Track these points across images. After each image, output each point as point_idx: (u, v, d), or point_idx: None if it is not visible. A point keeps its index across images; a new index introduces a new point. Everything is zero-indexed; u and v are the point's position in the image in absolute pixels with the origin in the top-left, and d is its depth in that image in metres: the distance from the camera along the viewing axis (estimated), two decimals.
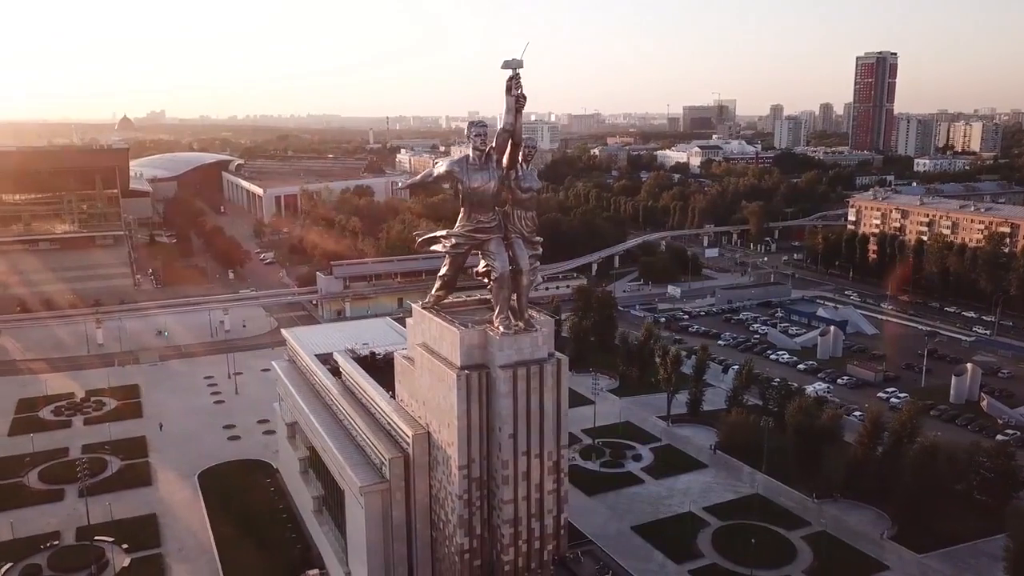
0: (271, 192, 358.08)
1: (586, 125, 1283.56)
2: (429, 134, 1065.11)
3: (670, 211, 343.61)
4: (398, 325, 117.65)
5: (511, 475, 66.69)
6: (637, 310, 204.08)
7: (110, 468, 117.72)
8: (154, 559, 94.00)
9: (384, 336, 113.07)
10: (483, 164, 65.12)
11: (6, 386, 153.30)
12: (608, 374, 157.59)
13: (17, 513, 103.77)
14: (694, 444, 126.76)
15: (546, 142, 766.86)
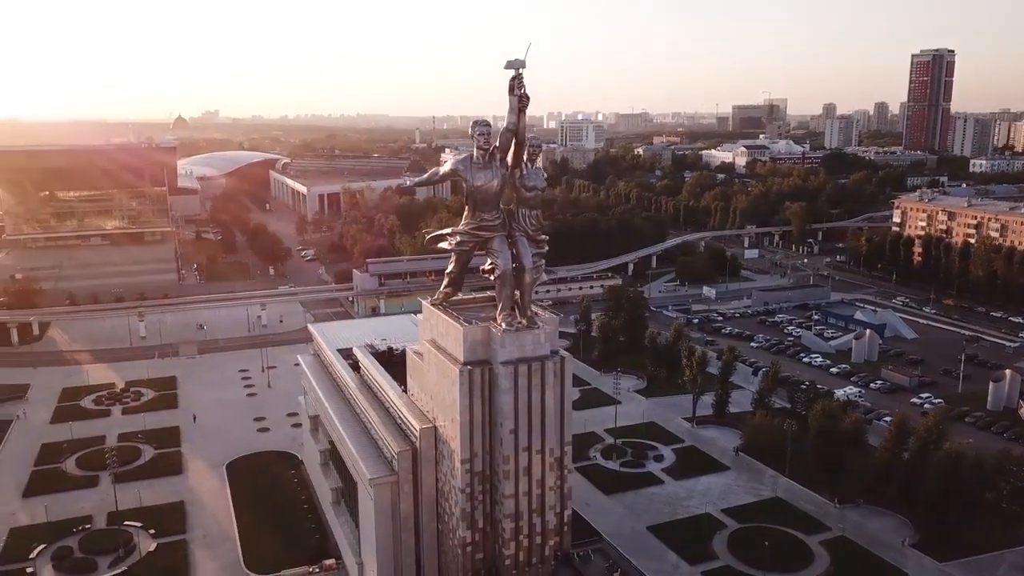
0: (315, 190, 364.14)
1: (633, 124, 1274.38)
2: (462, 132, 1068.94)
3: (711, 211, 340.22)
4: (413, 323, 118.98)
5: (512, 470, 67.56)
6: (670, 311, 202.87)
7: (143, 456, 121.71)
8: (179, 544, 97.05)
9: (406, 332, 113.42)
10: (487, 163, 66.13)
11: (52, 376, 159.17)
12: (636, 374, 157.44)
13: (54, 497, 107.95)
14: (718, 446, 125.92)
15: (591, 141, 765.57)
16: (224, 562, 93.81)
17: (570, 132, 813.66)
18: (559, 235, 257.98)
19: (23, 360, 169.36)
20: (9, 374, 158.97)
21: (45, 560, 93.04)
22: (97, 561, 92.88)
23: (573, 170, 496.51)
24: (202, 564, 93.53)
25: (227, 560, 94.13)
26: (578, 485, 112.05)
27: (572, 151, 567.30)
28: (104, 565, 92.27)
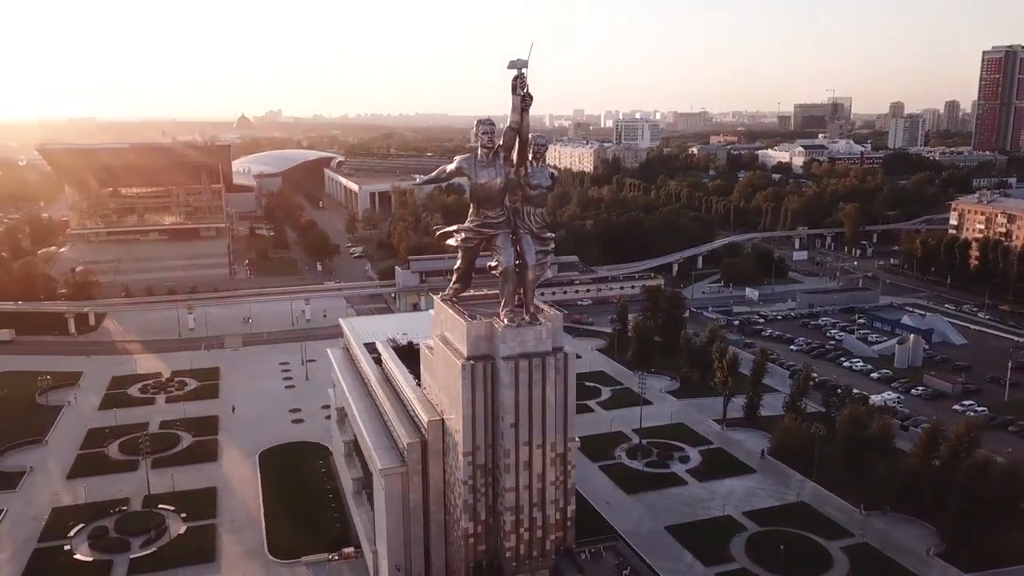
0: (366, 188, 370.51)
1: (692, 123, 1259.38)
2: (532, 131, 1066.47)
3: (762, 212, 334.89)
4: None
5: (512, 464, 68.56)
6: (710, 312, 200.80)
7: (182, 443, 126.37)
8: (208, 528, 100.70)
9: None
10: (490, 161, 67.19)
11: (104, 364, 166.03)
12: (670, 376, 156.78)
13: (95, 479, 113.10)
14: (745, 448, 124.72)
15: (646, 140, 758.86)
16: (249, 547, 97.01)
17: (625, 131, 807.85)
18: (603, 234, 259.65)
19: (79, 349, 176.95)
20: (65, 362, 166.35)
21: (82, 539, 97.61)
22: (130, 541, 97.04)
23: (625, 169, 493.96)
24: (228, 548, 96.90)
25: (252, 545, 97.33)
26: (600, 484, 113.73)
27: (624, 150, 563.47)
28: (136, 545, 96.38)
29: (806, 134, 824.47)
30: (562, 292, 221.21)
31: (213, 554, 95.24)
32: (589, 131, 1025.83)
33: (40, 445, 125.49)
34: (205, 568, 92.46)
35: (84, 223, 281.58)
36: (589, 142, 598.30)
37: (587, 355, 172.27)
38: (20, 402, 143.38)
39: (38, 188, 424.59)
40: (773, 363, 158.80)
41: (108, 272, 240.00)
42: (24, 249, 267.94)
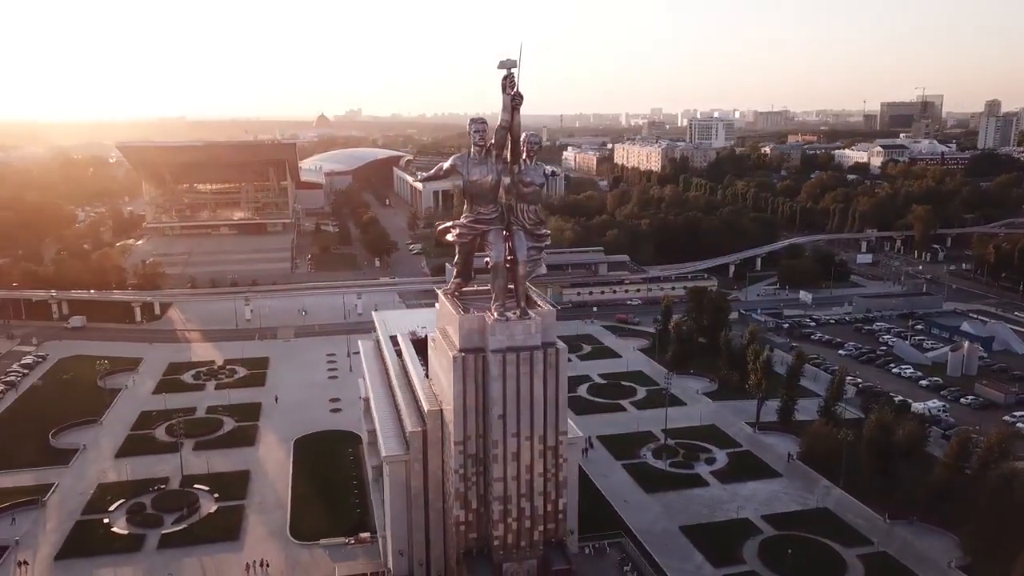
0: (429, 187, 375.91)
1: (772, 122, 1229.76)
2: (607, 131, 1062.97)
3: (830, 213, 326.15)
4: None
5: (500, 454, 70.18)
6: (759, 314, 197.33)
7: (224, 428, 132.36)
8: (236, 509, 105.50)
9: None
10: (482, 159, 69.01)
11: (163, 351, 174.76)
12: (709, 377, 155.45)
13: (140, 459, 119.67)
14: (775, 452, 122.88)
15: (720, 140, 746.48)
16: (273, 528, 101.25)
17: (699, 130, 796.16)
18: (658, 234, 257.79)
19: (142, 336, 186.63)
20: (127, 348, 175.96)
21: (121, 513, 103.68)
22: (164, 517, 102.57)
23: (693, 169, 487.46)
24: (253, 528, 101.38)
25: (276, 526, 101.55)
26: (621, 482, 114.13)
27: (693, 149, 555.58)
28: (169, 521, 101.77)
29: (892, 134, 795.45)
30: (611, 291, 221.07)
31: (238, 533, 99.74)
32: (664, 130, 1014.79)
33: (95, 425, 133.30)
34: (229, 546, 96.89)
35: (159, 217, 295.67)
36: (657, 141, 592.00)
37: (628, 355, 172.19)
38: (83, 384, 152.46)
39: (124, 184, 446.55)
40: (817, 367, 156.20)
41: (178, 264, 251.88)
42: (105, 241, 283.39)
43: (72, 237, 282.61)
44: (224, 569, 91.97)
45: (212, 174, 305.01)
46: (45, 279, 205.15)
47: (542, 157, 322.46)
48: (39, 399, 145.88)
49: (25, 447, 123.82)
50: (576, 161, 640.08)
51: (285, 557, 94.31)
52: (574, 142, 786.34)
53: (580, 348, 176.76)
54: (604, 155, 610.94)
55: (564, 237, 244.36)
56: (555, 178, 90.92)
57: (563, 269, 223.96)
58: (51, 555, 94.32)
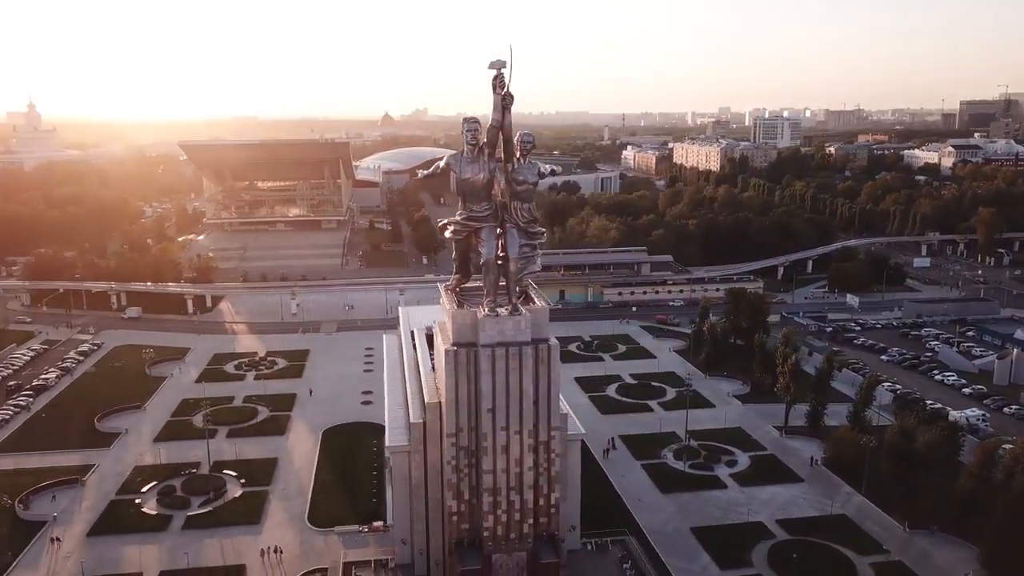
0: None
1: (844, 121, 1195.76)
2: (672, 130, 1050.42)
3: (890, 216, 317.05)
4: None
5: (490, 447, 71.61)
6: (801, 318, 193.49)
7: (258, 417, 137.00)
8: (260, 494, 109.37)
9: None
10: (475, 157, 70.52)
11: (210, 342, 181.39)
12: (742, 379, 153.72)
13: (176, 444, 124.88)
14: (800, 457, 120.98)
15: (785, 139, 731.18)
16: (292, 514, 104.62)
17: (764, 129, 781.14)
18: (705, 234, 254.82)
19: (192, 327, 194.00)
20: (177, 338, 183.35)
21: (152, 495, 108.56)
22: (191, 500, 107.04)
23: (753, 169, 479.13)
24: (273, 513, 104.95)
25: (295, 512, 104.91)
26: (638, 481, 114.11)
27: (754, 149, 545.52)
28: (196, 504, 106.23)
29: (969, 133, 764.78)
30: (653, 292, 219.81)
31: (259, 517, 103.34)
32: (729, 129, 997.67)
33: (139, 411, 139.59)
34: (249, 529, 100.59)
35: (219, 214, 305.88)
36: (717, 140, 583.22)
37: (663, 356, 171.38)
38: (133, 372, 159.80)
39: (191, 181, 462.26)
40: (855, 372, 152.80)
41: (234, 259, 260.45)
42: (167, 236, 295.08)
43: (137, 232, 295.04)
44: (242, 551, 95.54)
45: (270, 172, 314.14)
46: (106, 271, 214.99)
47: (602, 156, 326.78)
48: (90, 385, 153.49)
49: (73, 430, 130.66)
50: (635, 160, 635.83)
51: (300, 542, 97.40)
52: (635, 141, 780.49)
53: (615, 348, 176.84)
54: (664, 154, 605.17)
55: (608, 237, 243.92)
56: (554, 176, 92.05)
57: (605, 268, 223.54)
58: (84, 532, 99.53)
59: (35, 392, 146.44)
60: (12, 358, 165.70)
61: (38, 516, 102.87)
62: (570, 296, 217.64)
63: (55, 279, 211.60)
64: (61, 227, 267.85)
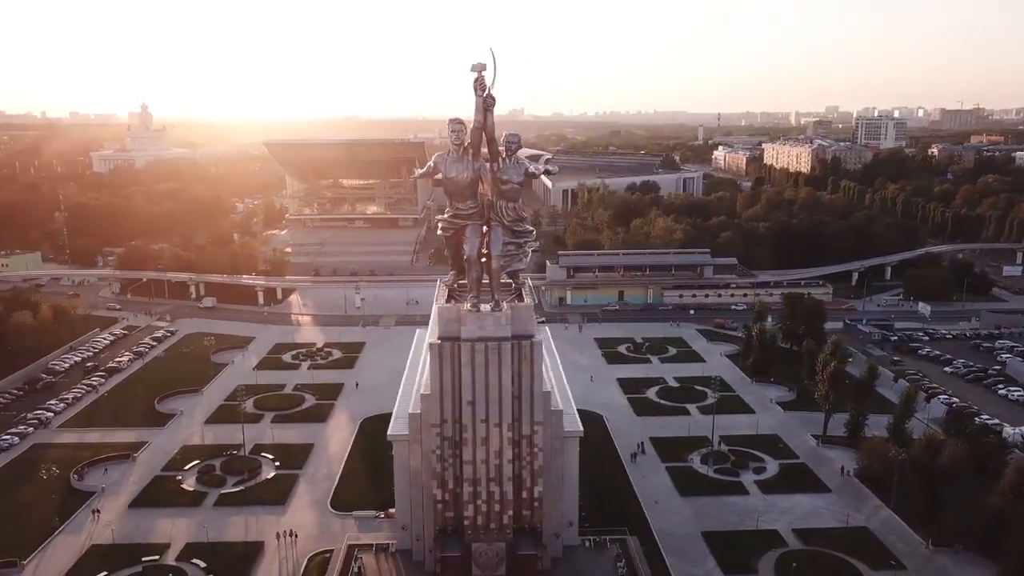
0: (558, 185, 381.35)
1: (961, 121, 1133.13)
2: (773, 130, 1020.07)
3: (985, 221, 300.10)
4: None
5: (471, 438, 73.81)
6: (865, 325, 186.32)
7: (304, 404, 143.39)
8: (291, 477, 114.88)
9: None
10: (459, 157, 72.56)
11: (274, 332, 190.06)
12: (788, 386, 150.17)
13: (224, 427, 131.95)
14: (832, 467, 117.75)
15: (889, 139, 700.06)
16: (317, 497, 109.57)
17: (867, 129, 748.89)
18: (777, 237, 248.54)
19: (260, 318, 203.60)
20: (244, 328, 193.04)
21: (192, 473, 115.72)
22: (227, 479, 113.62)
23: (845, 171, 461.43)
24: (300, 495, 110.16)
25: (320, 496, 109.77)
26: (659, 483, 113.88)
27: (847, 150, 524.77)
28: (230, 483, 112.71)
29: None
30: (716, 295, 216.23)
31: (285, 499, 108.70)
32: (832, 129, 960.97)
33: (196, 394, 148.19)
34: (274, 509, 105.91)
35: (301, 210, 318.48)
36: (810, 141, 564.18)
37: (713, 360, 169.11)
38: (199, 358, 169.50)
39: (283, 178, 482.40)
40: (910, 383, 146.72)
41: (310, 253, 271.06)
42: (253, 231, 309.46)
43: (226, 226, 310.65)
44: (264, 529, 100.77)
45: (351, 170, 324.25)
46: (188, 263, 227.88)
47: (692, 156, 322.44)
48: (158, 368, 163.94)
49: (134, 409, 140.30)
50: (726, 161, 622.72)
51: (318, 524, 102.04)
52: (727, 141, 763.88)
53: (665, 350, 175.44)
54: (755, 155, 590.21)
55: (674, 238, 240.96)
56: (549, 176, 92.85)
57: (666, 270, 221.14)
58: (126, 503, 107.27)
59: (108, 373, 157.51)
60: (94, 341, 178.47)
61: (89, 487, 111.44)
62: (629, 297, 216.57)
63: (142, 269, 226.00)
64: (156, 221, 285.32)
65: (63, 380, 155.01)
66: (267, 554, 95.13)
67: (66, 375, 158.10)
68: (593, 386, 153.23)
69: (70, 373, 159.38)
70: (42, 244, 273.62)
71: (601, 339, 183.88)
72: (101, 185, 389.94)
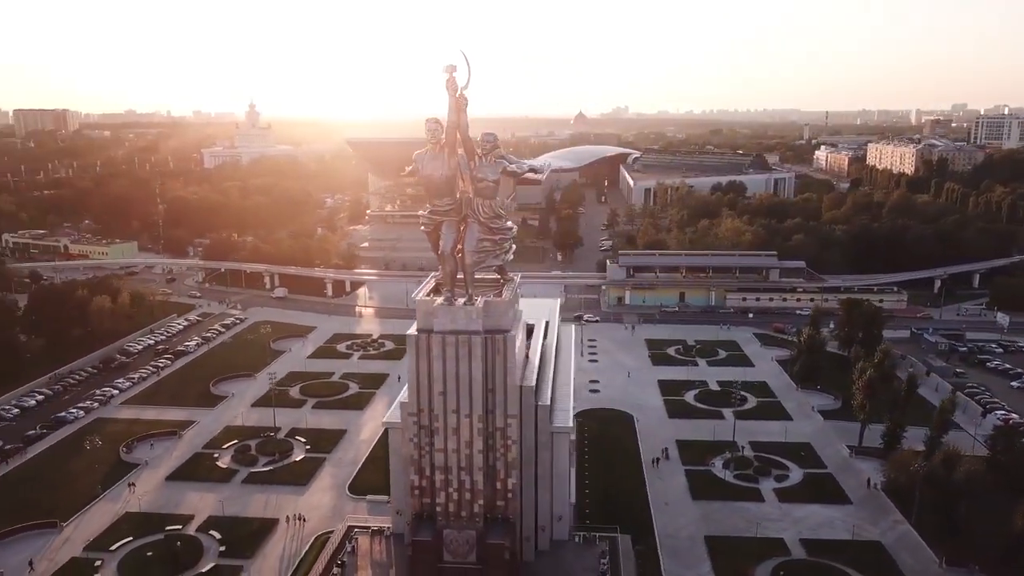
0: (640, 184, 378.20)
1: None
2: (890, 129, 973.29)
3: None
4: (555, 305, 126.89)
5: (441, 427, 76.09)
6: (931, 335, 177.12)
7: (347, 392, 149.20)
8: (317, 460, 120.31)
9: (542, 312, 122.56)
10: (436, 155, 74.87)
11: (335, 323, 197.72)
12: (834, 394, 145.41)
13: (269, 410, 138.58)
14: (859, 479, 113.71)
15: (1013, 139, 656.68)
16: (338, 480, 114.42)
17: (988, 128, 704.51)
18: (855, 241, 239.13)
19: (325, 309, 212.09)
20: (308, 318, 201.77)
21: (229, 452, 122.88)
22: (259, 459, 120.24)
23: (952, 172, 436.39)
24: (322, 478, 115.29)
25: (341, 479, 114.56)
26: (673, 486, 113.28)
27: (955, 151, 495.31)
28: (261, 463, 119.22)
29: None
30: (780, 299, 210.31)
31: (308, 480, 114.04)
32: (951, 128, 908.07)
33: (249, 378, 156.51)
34: (296, 489, 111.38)
35: (383, 207, 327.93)
36: (918, 141, 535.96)
37: (762, 364, 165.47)
38: (260, 345, 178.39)
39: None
40: (971, 398, 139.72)
41: (385, 249, 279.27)
42: (337, 226, 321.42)
43: (311, 220, 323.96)
44: (282, 507, 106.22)
45: None
46: (266, 255, 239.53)
47: (793, 156, 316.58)
48: (222, 353, 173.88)
49: (191, 390, 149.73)
50: (828, 161, 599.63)
51: (333, 506, 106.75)
52: (832, 140, 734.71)
53: (715, 353, 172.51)
54: (858, 155, 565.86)
55: (743, 239, 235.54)
56: (537, 175, 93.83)
57: (730, 272, 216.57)
58: (164, 476, 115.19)
59: (175, 356, 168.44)
60: (169, 326, 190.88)
61: (135, 460, 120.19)
62: (690, 299, 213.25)
63: (223, 260, 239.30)
64: (246, 214, 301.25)
65: (135, 361, 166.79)
66: (279, 531, 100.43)
67: (138, 356, 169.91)
68: (632, 387, 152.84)
69: (142, 355, 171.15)
70: (141, 234, 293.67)
71: (652, 340, 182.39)
72: (205, 180, 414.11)
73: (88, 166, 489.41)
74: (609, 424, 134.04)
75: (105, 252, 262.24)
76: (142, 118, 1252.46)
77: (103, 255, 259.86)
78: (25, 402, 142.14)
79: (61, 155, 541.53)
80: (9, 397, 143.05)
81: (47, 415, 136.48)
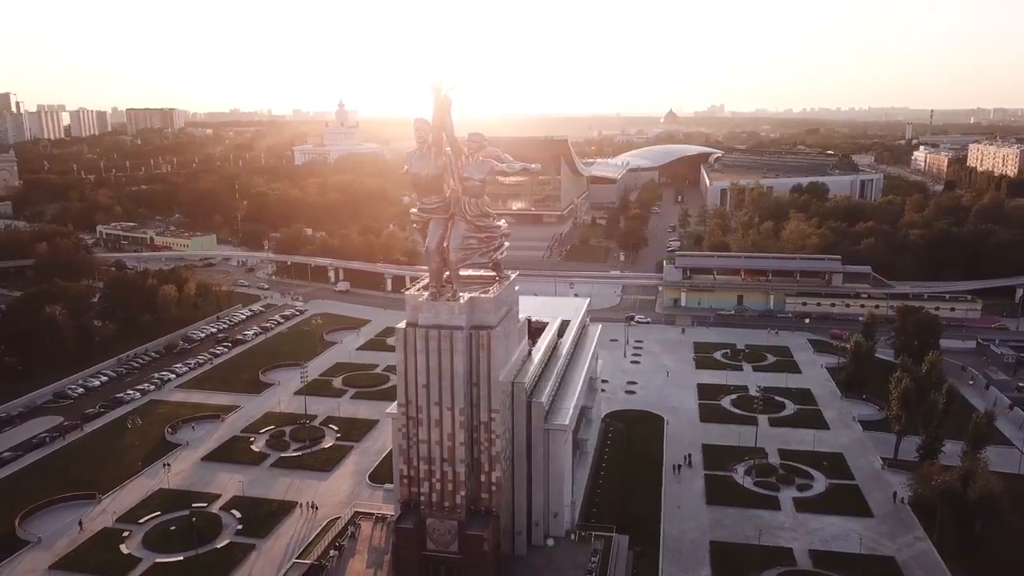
0: (716, 184, 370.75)
1: None
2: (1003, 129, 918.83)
3: None
4: (581, 304, 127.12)
5: (425, 419, 78.02)
6: (997, 346, 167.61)
7: (388, 384, 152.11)
8: (345, 448, 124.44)
9: (566, 311, 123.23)
10: (424, 154, 76.83)
11: (388, 317, 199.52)
12: (879, 404, 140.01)
13: (310, 399, 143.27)
14: (887, 492, 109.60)
15: None
16: (360, 468, 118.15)
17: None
18: (930, 247, 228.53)
19: (382, 303, 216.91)
20: (365, 311, 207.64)
21: (264, 436, 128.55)
22: (291, 444, 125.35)
23: None
24: (346, 465, 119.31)
25: (363, 468, 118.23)
26: (691, 489, 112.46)
27: None
28: (292, 448, 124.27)
29: None
30: (843, 304, 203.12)
31: (333, 467, 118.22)
32: None
33: (298, 368, 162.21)
34: (319, 475, 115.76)
35: None
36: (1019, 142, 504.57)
37: (810, 371, 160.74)
38: (313, 336, 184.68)
39: None
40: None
41: None
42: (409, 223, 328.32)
43: (383, 217, 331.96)
44: (304, 491, 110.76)
45: None
46: (333, 249, 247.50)
47: (890, 157, 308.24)
48: (276, 342, 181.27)
49: (242, 377, 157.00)
50: (926, 162, 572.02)
51: (351, 492, 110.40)
52: (936, 140, 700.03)
53: (762, 359, 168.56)
54: (959, 156, 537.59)
55: (808, 242, 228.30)
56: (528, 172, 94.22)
57: (791, 276, 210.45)
58: (200, 456, 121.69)
59: (233, 344, 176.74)
60: (233, 316, 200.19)
61: (178, 440, 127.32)
62: (748, 302, 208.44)
63: (292, 254, 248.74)
64: (321, 209, 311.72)
65: (196, 347, 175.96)
66: (295, 514, 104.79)
67: (200, 343, 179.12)
68: (669, 388, 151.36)
69: (204, 342, 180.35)
70: (223, 228, 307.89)
71: (701, 343, 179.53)
72: (290, 176, 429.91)
73: (187, 162, 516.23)
74: (637, 425, 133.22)
75: (186, 244, 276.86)
76: (243, 117, 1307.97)
77: (184, 247, 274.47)
78: (91, 383, 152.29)
79: (164, 152, 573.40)
80: (77, 377, 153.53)
81: (108, 395, 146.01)
